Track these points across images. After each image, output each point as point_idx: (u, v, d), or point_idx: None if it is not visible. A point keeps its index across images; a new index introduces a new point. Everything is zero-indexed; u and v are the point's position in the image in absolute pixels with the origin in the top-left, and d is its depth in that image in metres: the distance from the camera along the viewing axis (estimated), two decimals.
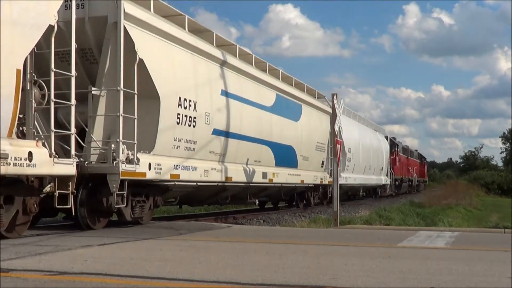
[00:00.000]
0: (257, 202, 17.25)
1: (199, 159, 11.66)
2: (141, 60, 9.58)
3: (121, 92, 9.16)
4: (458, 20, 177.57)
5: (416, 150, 54.73)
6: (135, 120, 9.32)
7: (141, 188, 10.11)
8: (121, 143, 9.05)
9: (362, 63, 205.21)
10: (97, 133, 9.18)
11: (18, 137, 7.57)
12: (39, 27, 7.66)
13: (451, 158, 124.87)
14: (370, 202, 28.27)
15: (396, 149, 38.47)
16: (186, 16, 11.38)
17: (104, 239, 7.55)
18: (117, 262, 5.44)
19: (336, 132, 12.34)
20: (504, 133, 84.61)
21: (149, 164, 9.81)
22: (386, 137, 35.69)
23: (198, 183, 11.73)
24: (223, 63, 12.82)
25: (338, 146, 12.40)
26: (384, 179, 32.96)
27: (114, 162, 9.01)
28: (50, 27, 7.78)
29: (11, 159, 7.06)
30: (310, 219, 14.60)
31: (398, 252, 6.60)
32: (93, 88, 9.12)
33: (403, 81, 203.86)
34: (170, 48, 10.64)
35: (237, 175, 13.32)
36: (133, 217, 9.92)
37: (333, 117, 12.45)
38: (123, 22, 9.24)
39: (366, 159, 27.59)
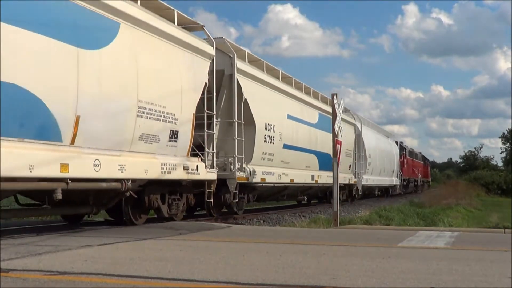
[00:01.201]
0: (306, 199, 21.92)
1: (275, 166, 15.90)
2: (245, 99, 13.76)
3: (236, 122, 13.33)
4: (457, 20, 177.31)
5: (420, 153, 58.26)
6: (243, 141, 13.51)
7: (241, 188, 13.78)
8: (236, 157, 13.17)
9: (361, 63, 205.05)
10: (209, 148, 12.36)
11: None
12: (202, 85, 11.62)
13: (451, 158, 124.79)
14: (371, 202, 28.29)
15: (404, 152, 42.70)
16: (264, 62, 15.82)
17: (104, 239, 7.55)
18: (117, 262, 5.44)
19: (336, 132, 12.33)
20: (503, 133, 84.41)
21: (250, 171, 13.98)
22: (396, 142, 39.97)
23: (275, 184, 16.12)
24: (287, 94, 17.21)
25: (338, 146, 12.39)
26: (395, 180, 37.09)
27: (232, 170, 13.03)
28: (205, 84, 11.72)
29: (189, 170, 11.03)
30: (310, 219, 14.60)
31: (398, 252, 6.60)
32: (215, 120, 12.66)
33: (402, 81, 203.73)
34: (259, 87, 15.00)
35: (296, 178, 17.45)
36: (237, 209, 14.26)
37: (333, 117, 12.44)
38: (236, 74, 13.43)
39: (381, 163, 31.75)
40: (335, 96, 12.36)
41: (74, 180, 8.07)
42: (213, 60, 12.07)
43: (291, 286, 4.33)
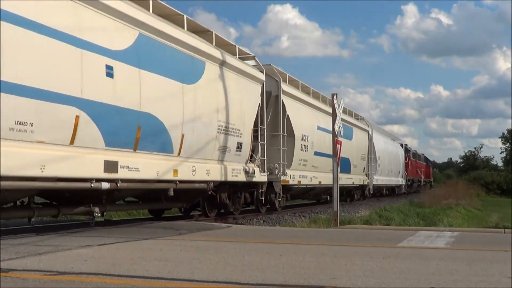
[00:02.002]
0: (328, 198, 24.41)
1: (308, 170, 18.82)
2: (288, 115, 16.50)
3: (281, 135, 16.08)
4: (457, 20, 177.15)
5: (423, 154, 61.50)
6: (285, 150, 16.21)
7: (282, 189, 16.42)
8: (281, 164, 15.82)
9: (361, 63, 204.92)
10: (261, 156, 15.00)
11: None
12: (257, 105, 14.61)
13: (451, 158, 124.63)
14: (371, 202, 28.32)
15: (408, 154, 45.74)
16: (300, 82, 18.87)
17: (104, 239, 7.55)
18: (117, 262, 5.44)
19: (336, 132, 12.32)
20: (503, 133, 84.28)
21: (290, 175, 16.66)
22: (401, 145, 43.03)
23: (307, 186, 19.22)
24: (317, 108, 20.39)
25: (338, 146, 12.38)
26: (401, 180, 40.34)
27: (277, 174, 15.63)
28: (259, 104, 14.70)
29: (249, 174, 13.98)
30: (310, 219, 14.60)
31: (398, 252, 6.60)
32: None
33: (402, 81, 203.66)
34: (297, 104, 17.98)
35: (323, 180, 20.06)
36: (279, 206, 16.69)
37: (333, 117, 12.44)
38: (282, 96, 16.25)
39: (389, 164, 34.79)
40: (335, 96, 12.36)
41: (180, 182, 10.79)
42: (263, 84, 15.09)
43: (291, 286, 4.33)
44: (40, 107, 7.43)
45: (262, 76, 15.02)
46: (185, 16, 11.37)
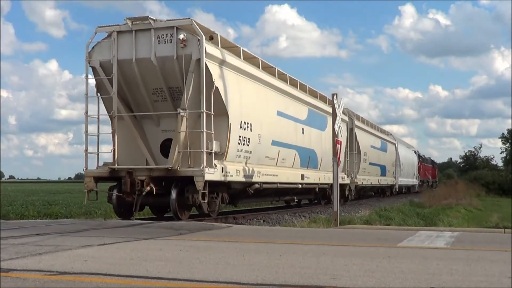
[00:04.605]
0: (373, 193, 35.76)
1: (365, 175, 28.41)
2: (358, 140, 26.68)
3: (355, 154, 26.08)
4: (454, 20, 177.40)
5: (429, 157, 71.47)
6: (356, 163, 26.58)
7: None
8: (354, 171, 25.19)
9: (359, 64, 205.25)
10: (347, 168, 24.53)
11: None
12: (346, 137, 23.09)
13: (451, 158, 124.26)
14: (371, 202, 28.35)
15: (420, 159, 54.86)
16: (360, 115, 28.41)
17: (104, 239, 7.55)
18: (117, 262, 5.44)
19: (336, 132, 12.31)
20: (503, 133, 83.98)
21: (358, 179, 25.77)
22: (415, 152, 52.66)
23: (365, 185, 28.96)
24: (370, 132, 30.43)
25: (338, 146, 12.38)
26: (415, 181, 50.37)
27: (352, 178, 24.83)
28: (346, 137, 23.78)
29: (343, 179, 22.68)
30: (310, 219, 14.59)
31: (398, 252, 6.60)
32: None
33: (400, 82, 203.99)
34: (361, 131, 27.94)
35: (373, 181, 30.53)
36: (350, 199, 25.15)
37: (333, 117, 12.44)
38: (355, 129, 26.18)
39: (407, 168, 44.29)
40: (335, 96, 12.35)
41: (320, 184, 20.12)
42: (347, 123, 24.01)
43: (291, 286, 4.34)
44: (286, 151, 16.75)
45: (347, 118, 24.23)
46: (318, 92, 20.52)
